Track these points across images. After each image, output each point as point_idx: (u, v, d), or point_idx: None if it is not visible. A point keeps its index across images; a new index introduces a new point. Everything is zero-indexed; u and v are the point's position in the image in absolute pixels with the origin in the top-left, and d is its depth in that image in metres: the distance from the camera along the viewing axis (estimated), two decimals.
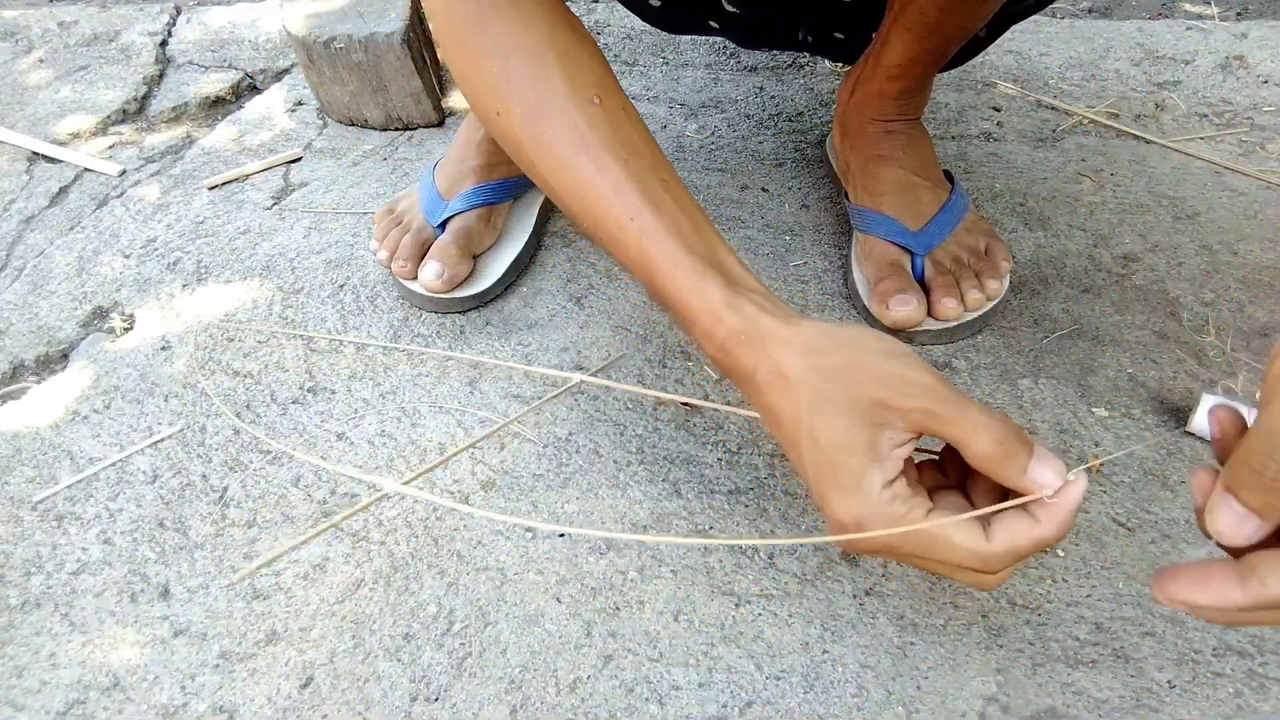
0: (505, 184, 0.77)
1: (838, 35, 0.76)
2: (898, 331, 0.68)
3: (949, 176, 0.74)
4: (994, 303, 0.68)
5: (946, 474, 0.45)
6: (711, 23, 0.76)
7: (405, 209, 0.76)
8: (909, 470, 0.42)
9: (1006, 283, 0.69)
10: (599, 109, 0.48)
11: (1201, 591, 0.31)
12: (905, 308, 0.65)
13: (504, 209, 0.78)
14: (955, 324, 0.67)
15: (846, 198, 0.76)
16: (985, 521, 0.39)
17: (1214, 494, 0.31)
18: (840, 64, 1.01)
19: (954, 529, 0.38)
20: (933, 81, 0.76)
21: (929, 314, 0.67)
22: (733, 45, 1.07)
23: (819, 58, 1.03)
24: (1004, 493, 0.40)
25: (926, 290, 0.68)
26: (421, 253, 0.73)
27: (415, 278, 0.72)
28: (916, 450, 0.43)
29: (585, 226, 0.49)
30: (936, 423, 0.39)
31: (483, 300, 0.74)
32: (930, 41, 0.67)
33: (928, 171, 0.73)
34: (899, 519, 0.38)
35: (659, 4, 0.74)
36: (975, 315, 0.68)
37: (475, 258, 0.75)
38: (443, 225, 0.74)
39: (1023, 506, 0.39)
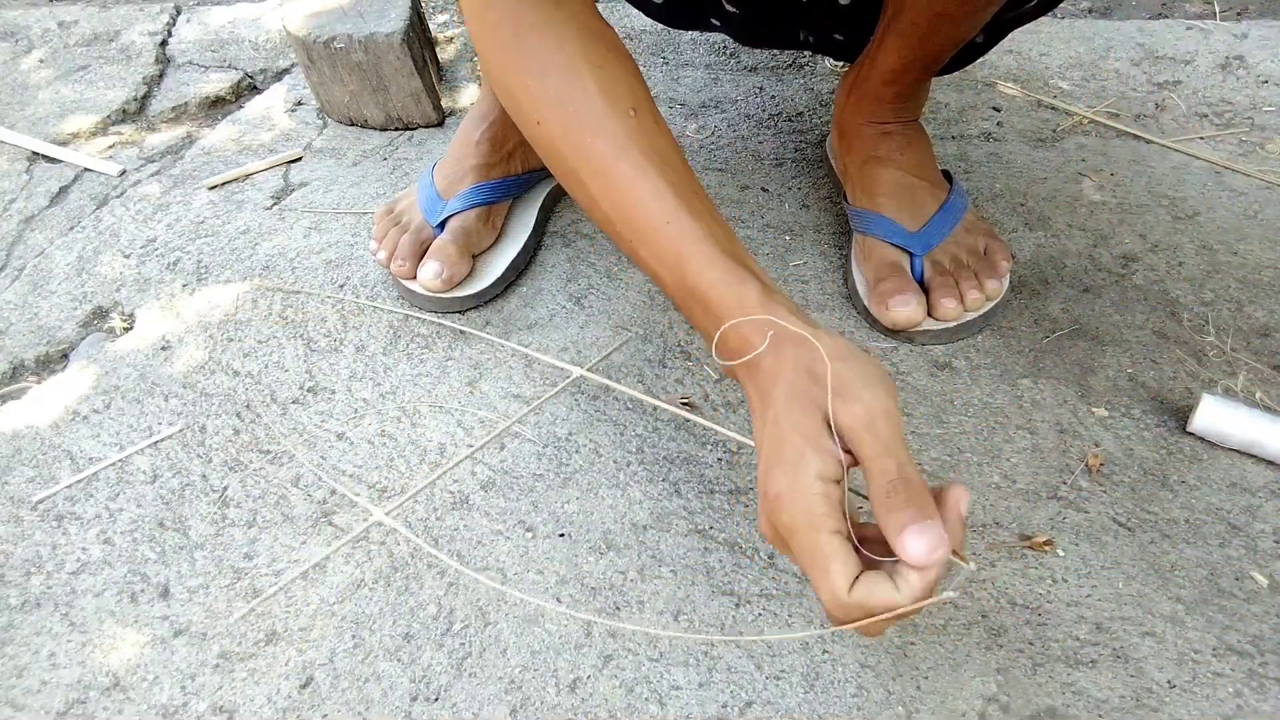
0: (504, 183, 0.77)
1: (837, 36, 0.76)
2: (898, 331, 0.68)
3: (948, 176, 0.74)
4: (994, 303, 0.68)
5: None
6: (713, 20, 0.76)
7: (404, 209, 0.76)
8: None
9: (1006, 282, 0.69)
10: (635, 120, 0.50)
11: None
12: (905, 308, 0.65)
13: (503, 209, 0.78)
14: (955, 324, 0.67)
15: (846, 199, 0.76)
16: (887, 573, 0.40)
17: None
18: (841, 64, 1.01)
19: (835, 558, 0.39)
20: (929, 84, 0.76)
21: (929, 314, 0.67)
22: (733, 45, 1.07)
23: (819, 57, 1.03)
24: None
25: (926, 290, 0.68)
26: (421, 252, 0.73)
27: (414, 277, 0.72)
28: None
29: (619, 229, 0.50)
30: (860, 446, 0.41)
31: (481, 300, 0.74)
32: (922, 49, 0.67)
33: (925, 172, 0.73)
34: (814, 515, 0.40)
35: (661, 0, 0.74)
36: (975, 315, 0.68)
37: (475, 257, 0.75)
38: (441, 225, 0.74)
39: (887, 570, 0.40)
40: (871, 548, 0.41)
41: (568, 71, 0.50)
